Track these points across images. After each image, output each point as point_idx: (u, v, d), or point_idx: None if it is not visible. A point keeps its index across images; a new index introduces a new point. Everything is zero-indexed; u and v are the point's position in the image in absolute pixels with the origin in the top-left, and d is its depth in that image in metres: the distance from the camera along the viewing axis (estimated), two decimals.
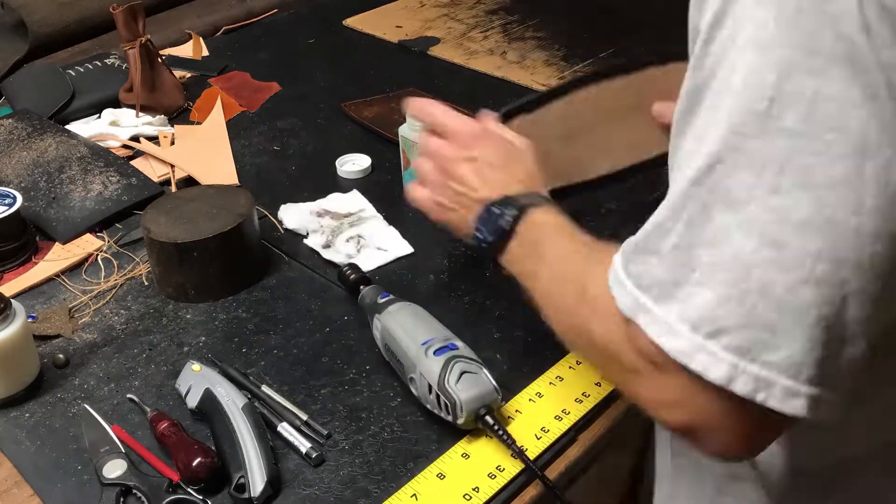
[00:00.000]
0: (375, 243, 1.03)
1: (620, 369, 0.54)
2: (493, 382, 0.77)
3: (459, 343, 0.80)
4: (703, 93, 0.47)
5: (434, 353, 0.77)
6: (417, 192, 0.84)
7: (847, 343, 0.45)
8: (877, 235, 0.43)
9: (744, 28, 0.45)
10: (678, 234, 0.48)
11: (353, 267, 0.94)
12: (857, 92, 0.42)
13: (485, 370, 0.77)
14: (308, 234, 1.05)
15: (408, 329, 0.81)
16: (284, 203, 1.11)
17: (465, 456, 0.75)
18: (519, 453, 0.74)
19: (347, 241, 1.03)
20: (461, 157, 0.79)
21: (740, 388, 0.45)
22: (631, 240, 0.53)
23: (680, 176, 0.48)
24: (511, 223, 0.72)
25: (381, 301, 0.86)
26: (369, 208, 1.09)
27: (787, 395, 0.45)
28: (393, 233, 1.05)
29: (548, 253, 0.68)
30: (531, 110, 0.89)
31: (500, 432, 0.75)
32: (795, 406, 0.45)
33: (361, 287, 0.91)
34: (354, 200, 1.11)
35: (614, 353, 0.54)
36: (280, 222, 1.07)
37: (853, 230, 0.43)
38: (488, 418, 0.75)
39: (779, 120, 0.43)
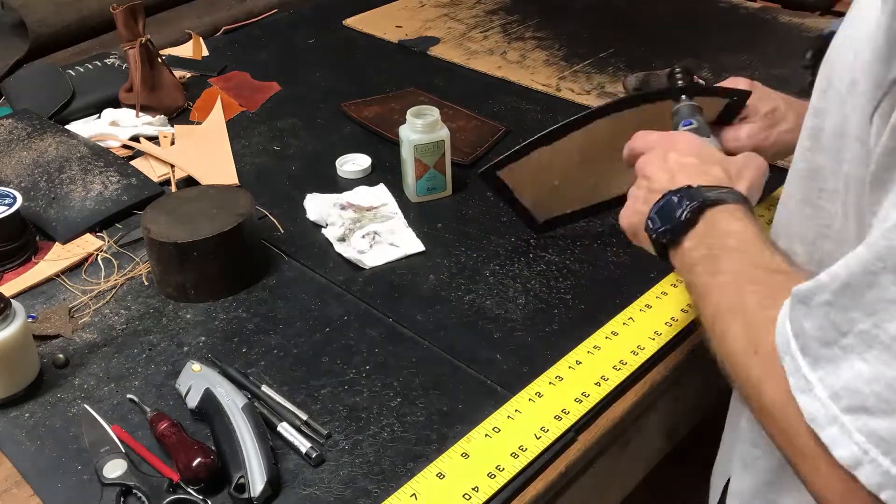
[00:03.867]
0: (389, 240, 1.03)
1: (787, 443, 0.49)
2: None
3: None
4: None
5: None
6: (624, 212, 0.79)
7: None
8: None
9: None
10: (832, 292, 0.45)
11: (687, 72, 0.88)
12: None
13: None
14: (326, 225, 1.06)
15: None
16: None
17: (465, 456, 0.75)
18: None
19: (363, 237, 1.03)
20: (655, 159, 0.75)
21: (864, 477, 0.42)
22: (804, 283, 0.49)
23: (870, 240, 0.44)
24: (688, 214, 0.65)
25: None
26: (392, 203, 1.10)
27: None
28: (408, 231, 1.05)
29: (723, 270, 0.61)
30: (517, 160, 0.93)
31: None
32: None
33: (683, 98, 0.86)
34: (378, 194, 1.12)
35: (783, 426, 0.49)
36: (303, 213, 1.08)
37: None
38: None
39: None
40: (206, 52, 1.54)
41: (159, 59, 1.32)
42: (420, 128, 1.06)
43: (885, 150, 0.46)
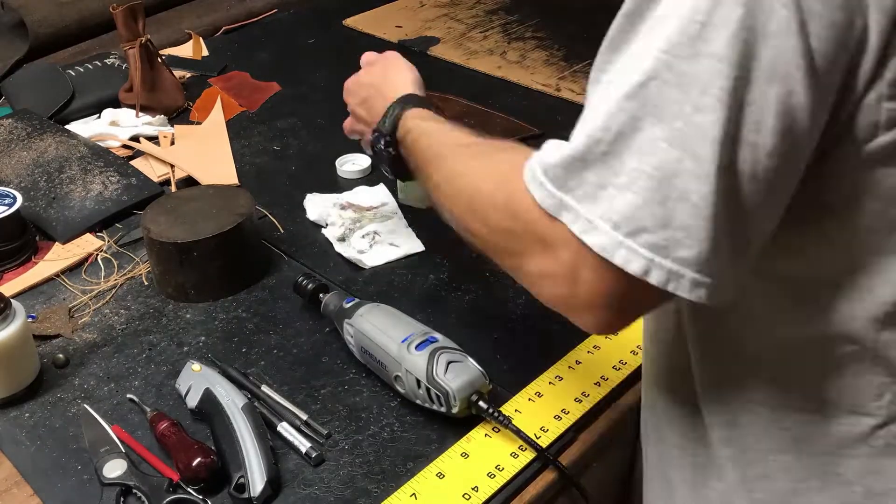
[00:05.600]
0: (389, 240, 1.03)
1: (510, 252, 0.60)
2: (479, 368, 0.78)
3: (438, 335, 0.80)
4: (643, 14, 0.51)
5: (416, 348, 0.78)
6: (346, 124, 0.98)
7: (743, 244, 0.52)
8: (771, 153, 0.49)
9: None
10: (608, 143, 0.51)
11: (309, 276, 0.93)
12: (773, 26, 0.47)
13: (469, 358, 0.78)
14: (326, 225, 1.06)
15: (384, 329, 0.82)
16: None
17: (465, 455, 0.75)
18: (517, 432, 0.75)
19: (363, 237, 1.03)
20: (360, 80, 0.94)
21: (654, 279, 0.51)
22: (553, 149, 0.56)
23: (612, 90, 0.52)
24: (392, 123, 0.82)
25: (347, 305, 0.86)
26: (392, 203, 1.10)
27: (693, 285, 0.51)
28: (408, 230, 1.05)
29: (431, 152, 0.75)
30: None
31: (495, 414, 0.76)
32: (699, 294, 0.51)
33: (321, 295, 0.90)
34: (378, 194, 1.11)
35: (510, 236, 0.59)
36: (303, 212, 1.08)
37: (751, 146, 0.49)
38: (481, 403, 0.76)
39: (706, 44, 0.48)
40: (206, 52, 1.54)
41: (159, 59, 1.32)
42: None
43: (623, 13, 0.53)
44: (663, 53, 0.49)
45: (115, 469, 0.74)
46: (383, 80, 0.92)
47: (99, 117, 1.31)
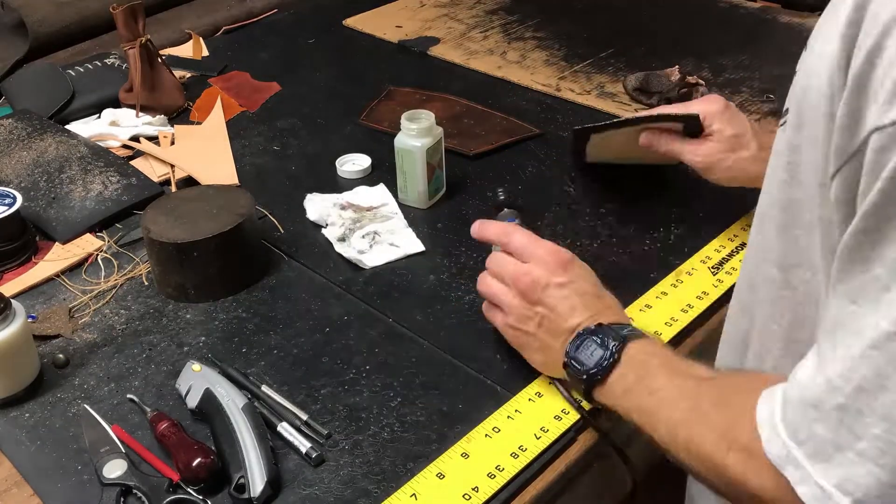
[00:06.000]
0: (389, 240, 1.03)
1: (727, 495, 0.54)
2: None
3: None
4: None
5: None
6: (491, 315, 0.83)
7: None
8: None
9: None
10: (846, 395, 0.45)
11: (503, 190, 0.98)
12: None
13: None
14: (326, 225, 1.06)
15: None
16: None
17: (465, 456, 0.75)
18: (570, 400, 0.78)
19: (363, 237, 1.03)
20: (551, 283, 0.77)
21: None
22: (793, 382, 0.50)
23: (859, 324, 0.45)
24: (615, 354, 0.71)
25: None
26: (392, 203, 1.09)
27: None
28: (408, 230, 1.05)
29: (661, 386, 0.66)
30: (600, 131, 1.06)
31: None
32: None
33: (506, 210, 0.93)
34: (379, 194, 1.11)
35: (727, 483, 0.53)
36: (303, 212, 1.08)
37: None
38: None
39: None
40: (206, 52, 1.54)
41: (159, 59, 1.32)
42: (424, 131, 1.05)
43: (857, 230, 0.46)
44: None
45: (115, 469, 0.74)
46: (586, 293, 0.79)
47: (99, 117, 1.31)
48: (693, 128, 0.98)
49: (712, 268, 0.97)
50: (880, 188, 0.45)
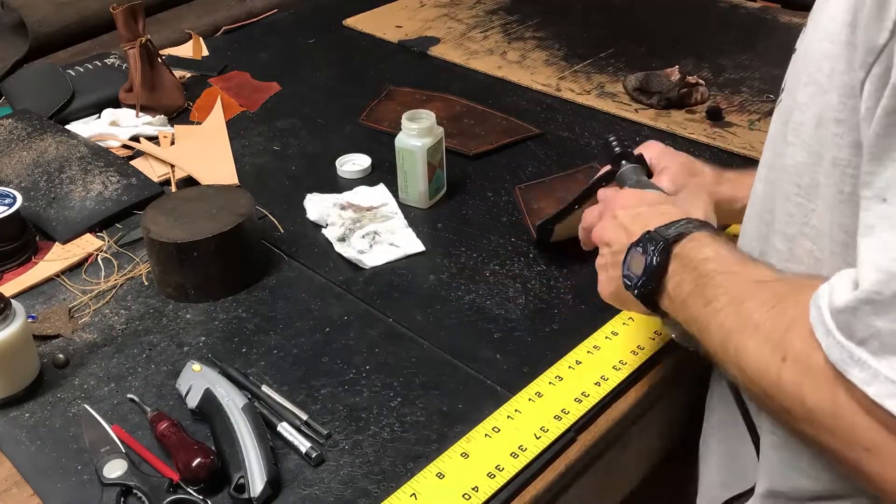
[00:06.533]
0: (389, 240, 1.03)
1: (846, 444, 0.49)
2: None
3: None
4: None
5: None
6: (600, 286, 0.79)
7: None
8: None
9: None
10: None
11: (620, 140, 0.89)
12: None
13: None
14: (326, 225, 1.06)
15: None
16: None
17: (465, 455, 0.75)
18: None
19: (363, 237, 1.03)
20: (607, 224, 0.77)
21: None
22: (837, 282, 0.48)
23: (893, 217, 0.45)
24: (657, 258, 0.66)
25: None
26: (392, 203, 1.09)
27: None
28: (408, 230, 1.05)
29: (716, 296, 0.61)
30: (561, 219, 0.96)
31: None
32: None
33: (623, 162, 0.87)
34: (379, 194, 1.11)
35: (836, 425, 0.49)
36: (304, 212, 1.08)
37: None
38: None
39: None
40: (206, 52, 1.55)
41: (159, 59, 1.32)
42: (425, 131, 1.05)
43: (885, 112, 0.47)
44: None
45: (115, 469, 0.74)
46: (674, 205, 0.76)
47: (99, 117, 1.31)
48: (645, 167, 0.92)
49: None
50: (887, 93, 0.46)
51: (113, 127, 1.27)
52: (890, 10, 0.48)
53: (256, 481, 0.71)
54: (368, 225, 1.05)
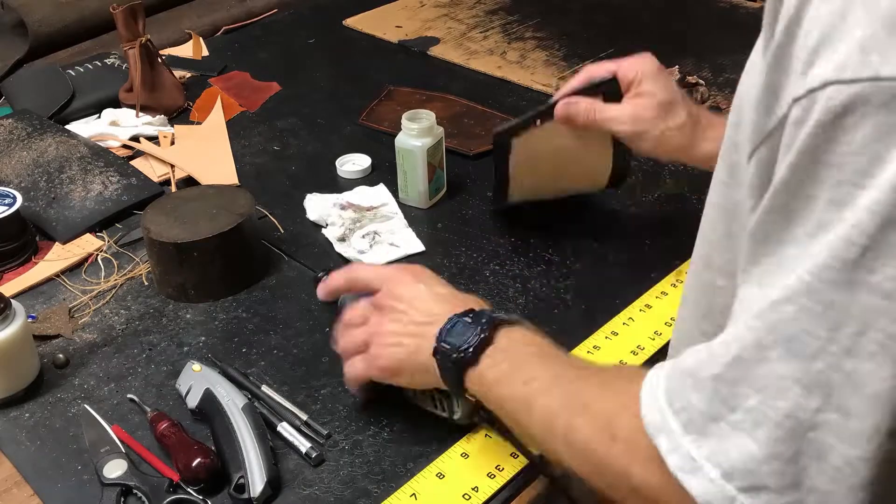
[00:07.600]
0: (389, 240, 1.03)
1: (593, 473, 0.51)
2: None
3: None
4: (794, 211, 0.42)
5: None
6: (352, 367, 0.76)
7: None
8: None
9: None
10: (723, 365, 0.44)
11: (328, 271, 0.89)
12: None
13: None
14: (327, 225, 1.06)
15: None
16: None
17: (465, 456, 0.75)
18: (517, 445, 0.74)
19: (363, 237, 1.03)
20: (406, 292, 0.73)
21: None
22: (681, 356, 0.48)
23: (748, 300, 0.44)
24: (485, 332, 0.66)
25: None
26: (392, 203, 1.09)
27: None
28: (408, 231, 1.05)
29: (538, 376, 0.62)
30: (526, 128, 0.97)
31: (497, 424, 0.74)
32: None
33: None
34: (379, 194, 1.11)
35: (660, 502, 0.49)
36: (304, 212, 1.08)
37: None
38: (483, 411, 0.74)
39: (871, 273, 0.39)
40: (206, 52, 1.54)
41: (159, 59, 1.32)
42: (425, 131, 1.05)
43: (764, 211, 0.44)
44: (807, 274, 0.40)
45: (115, 469, 0.74)
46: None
47: (99, 117, 1.31)
48: (613, 95, 0.90)
49: None
50: (791, 162, 0.42)
51: (113, 127, 1.27)
52: (781, 99, 0.44)
53: (256, 481, 0.71)
54: (368, 225, 1.05)
